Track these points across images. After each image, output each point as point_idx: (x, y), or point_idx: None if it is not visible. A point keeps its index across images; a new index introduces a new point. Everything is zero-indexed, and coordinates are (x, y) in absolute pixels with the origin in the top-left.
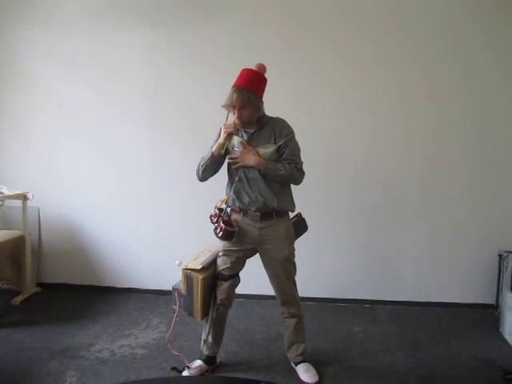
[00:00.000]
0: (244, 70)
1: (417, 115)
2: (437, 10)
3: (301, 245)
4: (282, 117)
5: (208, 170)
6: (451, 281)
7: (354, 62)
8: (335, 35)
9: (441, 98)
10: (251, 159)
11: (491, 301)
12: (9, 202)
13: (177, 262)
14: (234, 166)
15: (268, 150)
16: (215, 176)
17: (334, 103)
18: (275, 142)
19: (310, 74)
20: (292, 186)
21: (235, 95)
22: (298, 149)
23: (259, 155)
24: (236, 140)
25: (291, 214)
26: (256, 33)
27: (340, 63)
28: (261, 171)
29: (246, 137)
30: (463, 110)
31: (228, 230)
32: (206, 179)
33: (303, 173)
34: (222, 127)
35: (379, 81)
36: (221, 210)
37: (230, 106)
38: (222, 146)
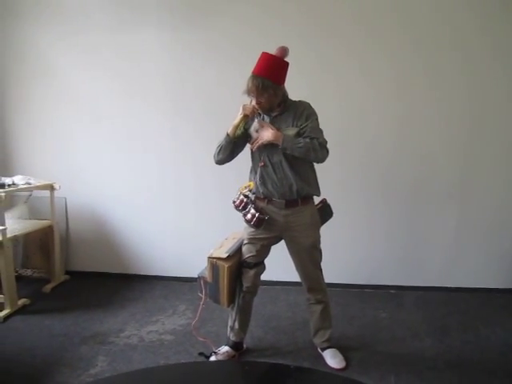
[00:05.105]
0: (262, 56)
1: (451, 101)
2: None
3: (326, 231)
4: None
5: (223, 152)
6: (479, 266)
7: (382, 46)
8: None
9: (477, 81)
10: (268, 134)
11: None
12: (36, 193)
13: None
14: (254, 148)
15: (289, 132)
16: (238, 163)
17: (364, 88)
18: (296, 125)
19: (344, 55)
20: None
21: (250, 83)
22: (319, 128)
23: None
24: (256, 123)
25: (316, 200)
26: (272, 23)
27: (372, 49)
28: (279, 146)
29: (268, 120)
30: (498, 94)
31: (260, 217)
32: (223, 162)
33: (327, 150)
34: (241, 108)
35: (410, 65)
36: (246, 196)
37: (248, 92)
38: (236, 126)
